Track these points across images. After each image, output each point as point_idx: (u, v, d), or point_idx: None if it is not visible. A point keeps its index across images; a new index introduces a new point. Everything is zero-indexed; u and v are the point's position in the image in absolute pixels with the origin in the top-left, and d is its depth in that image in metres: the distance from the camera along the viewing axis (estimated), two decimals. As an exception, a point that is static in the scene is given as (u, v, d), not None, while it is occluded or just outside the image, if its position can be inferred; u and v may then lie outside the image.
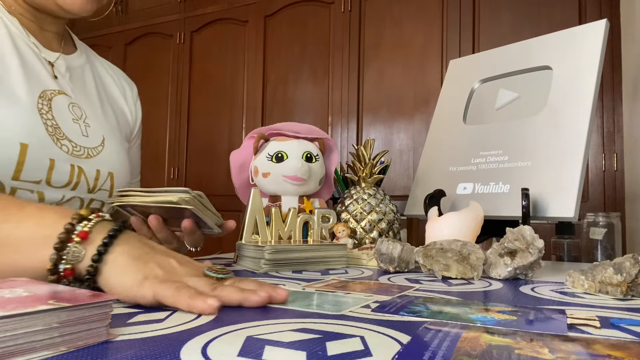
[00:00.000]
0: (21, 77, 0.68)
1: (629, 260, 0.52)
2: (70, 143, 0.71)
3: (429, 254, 0.67)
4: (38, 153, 0.65)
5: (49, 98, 0.71)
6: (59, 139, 0.69)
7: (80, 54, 0.84)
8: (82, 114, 0.76)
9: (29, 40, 0.72)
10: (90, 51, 0.90)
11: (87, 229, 0.44)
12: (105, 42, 3.04)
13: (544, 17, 2.01)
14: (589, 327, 0.37)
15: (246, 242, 0.75)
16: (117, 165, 0.80)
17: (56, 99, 0.72)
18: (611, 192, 1.88)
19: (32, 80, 0.69)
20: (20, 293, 0.32)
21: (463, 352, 0.29)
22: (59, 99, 0.72)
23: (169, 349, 0.30)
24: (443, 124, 1.09)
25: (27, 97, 0.67)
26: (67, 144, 0.70)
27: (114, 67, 0.95)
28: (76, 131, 0.73)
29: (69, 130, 0.72)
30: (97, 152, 0.76)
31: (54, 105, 0.71)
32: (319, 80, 2.45)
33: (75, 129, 0.73)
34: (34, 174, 0.65)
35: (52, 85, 0.73)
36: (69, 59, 0.80)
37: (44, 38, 0.76)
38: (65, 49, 0.80)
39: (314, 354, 0.29)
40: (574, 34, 0.93)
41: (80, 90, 0.79)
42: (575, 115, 0.85)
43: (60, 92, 0.74)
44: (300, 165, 0.84)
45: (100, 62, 0.90)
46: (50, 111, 0.70)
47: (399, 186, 2.21)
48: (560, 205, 0.79)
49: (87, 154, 0.74)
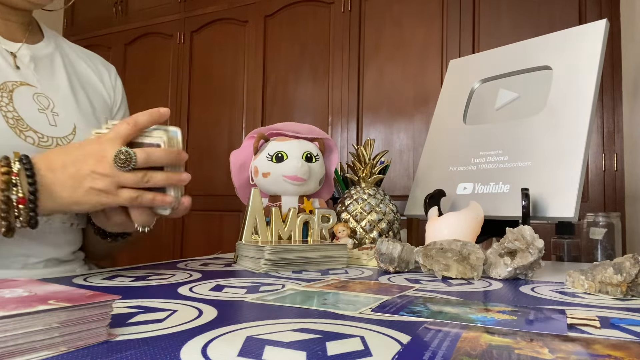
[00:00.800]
0: None
1: (629, 260, 0.52)
2: (36, 134, 0.70)
3: (429, 254, 0.67)
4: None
5: (10, 90, 0.70)
6: (22, 131, 0.68)
7: (47, 43, 0.82)
8: (49, 104, 0.75)
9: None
10: (61, 39, 0.88)
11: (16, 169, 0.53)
12: (105, 42, 3.04)
13: (544, 17, 2.01)
14: (589, 327, 0.37)
15: (246, 242, 0.75)
16: None
17: (18, 90, 0.71)
18: (611, 192, 1.88)
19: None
20: (20, 293, 0.32)
21: (463, 352, 0.29)
22: (21, 90, 0.71)
23: (169, 349, 0.30)
24: (443, 124, 1.09)
25: None
26: (33, 135, 0.69)
27: (89, 52, 0.93)
28: (42, 121, 0.72)
29: (33, 121, 0.70)
30: (68, 141, 0.74)
31: (15, 96, 0.70)
32: (319, 80, 2.45)
33: (41, 119, 0.72)
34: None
35: (13, 77, 0.72)
36: (34, 49, 0.78)
37: (6, 29, 0.75)
38: (30, 38, 0.79)
39: (314, 354, 0.29)
40: (574, 34, 0.93)
41: (47, 80, 0.78)
42: (575, 115, 0.85)
43: (23, 83, 0.73)
44: (300, 165, 0.84)
45: (72, 49, 0.88)
46: (11, 103, 0.69)
47: (399, 186, 2.21)
48: (560, 205, 0.79)
49: (56, 143, 0.72)
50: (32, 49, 0.78)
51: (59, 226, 0.73)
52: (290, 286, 0.55)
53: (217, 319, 0.38)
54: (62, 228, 0.74)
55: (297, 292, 0.50)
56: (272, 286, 0.55)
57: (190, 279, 0.61)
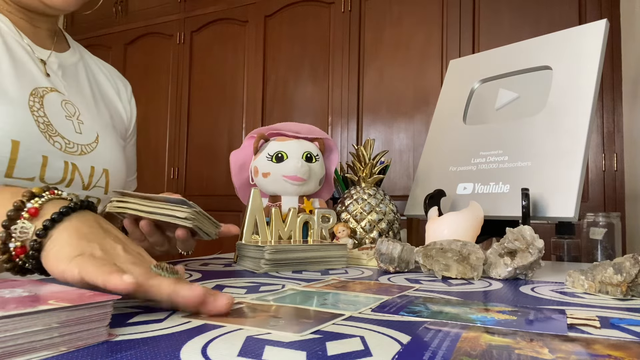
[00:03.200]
0: (12, 74, 0.68)
1: (629, 260, 0.52)
2: (63, 140, 0.71)
3: (429, 254, 0.66)
4: (30, 150, 0.65)
5: (41, 95, 0.71)
6: (51, 136, 0.69)
7: (73, 52, 0.84)
8: (75, 111, 0.76)
9: (20, 38, 0.73)
10: (84, 50, 0.90)
11: (38, 205, 0.42)
12: (105, 42, 3.04)
13: (544, 17, 2.01)
14: (589, 327, 0.37)
15: (246, 242, 0.75)
16: (112, 162, 0.79)
17: (48, 96, 0.72)
18: (611, 192, 1.88)
19: (23, 78, 0.69)
20: (20, 293, 0.32)
21: (463, 352, 0.29)
22: (51, 96, 0.72)
23: (169, 349, 0.30)
24: (443, 124, 1.09)
25: (17, 95, 0.67)
26: (60, 141, 0.70)
27: (108, 65, 0.95)
28: (69, 128, 0.73)
29: (61, 127, 0.71)
30: (92, 149, 0.76)
31: (46, 102, 0.71)
32: (319, 80, 2.45)
33: (68, 126, 0.73)
34: (27, 171, 0.65)
35: (44, 83, 0.73)
36: (61, 57, 0.80)
37: (36, 36, 0.76)
38: (57, 46, 0.80)
39: (314, 354, 0.29)
40: (574, 34, 0.93)
41: (73, 88, 0.79)
42: (575, 115, 0.85)
43: (53, 89, 0.74)
44: (300, 165, 0.84)
45: (93, 61, 0.90)
46: (42, 108, 0.70)
47: (399, 186, 2.21)
48: (560, 205, 0.79)
49: (81, 150, 0.74)
50: (60, 57, 0.79)
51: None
52: (290, 286, 0.55)
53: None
54: None
55: (297, 292, 0.50)
56: (272, 286, 0.55)
57: (190, 279, 0.61)
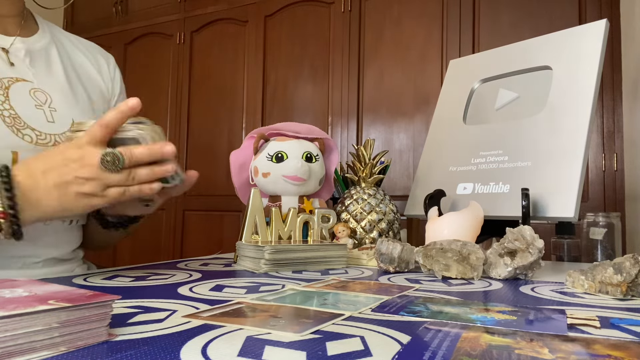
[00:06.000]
0: None
1: (629, 260, 0.52)
2: (34, 132, 0.68)
3: (429, 254, 0.67)
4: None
5: (6, 87, 0.68)
6: (20, 129, 0.67)
7: (42, 34, 0.79)
8: (46, 99, 0.72)
9: None
10: (57, 29, 0.85)
11: None
12: (105, 42, 3.04)
13: (544, 17, 2.01)
14: (589, 327, 0.37)
15: (246, 242, 0.75)
16: None
17: (14, 86, 0.69)
18: (611, 192, 1.88)
19: None
20: (20, 293, 0.32)
21: (463, 352, 0.29)
22: (17, 87, 0.69)
23: (169, 349, 0.30)
24: (443, 124, 1.09)
25: None
26: (30, 133, 0.68)
27: (86, 41, 0.90)
28: (40, 118, 0.70)
29: (31, 118, 0.69)
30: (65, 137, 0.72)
31: (11, 93, 0.68)
32: (319, 80, 2.45)
33: (39, 116, 0.70)
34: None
35: (8, 73, 0.70)
36: (28, 42, 0.75)
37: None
38: (24, 31, 0.76)
39: (314, 354, 0.29)
40: (574, 34, 0.93)
41: (43, 74, 0.75)
42: (575, 115, 0.85)
43: (19, 79, 0.71)
44: (300, 165, 0.84)
45: (69, 39, 0.85)
46: (7, 100, 0.67)
47: (399, 186, 2.21)
48: (560, 205, 0.79)
49: (54, 140, 0.70)
50: (27, 43, 0.75)
51: (59, 225, 0.73)
52: (290, 286, 0.55)
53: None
54: (62, 227, 0.74)
55: (297, 292, 0.50)
56: (272, 286, 0.55)
57: (190, 279, 0.61)
